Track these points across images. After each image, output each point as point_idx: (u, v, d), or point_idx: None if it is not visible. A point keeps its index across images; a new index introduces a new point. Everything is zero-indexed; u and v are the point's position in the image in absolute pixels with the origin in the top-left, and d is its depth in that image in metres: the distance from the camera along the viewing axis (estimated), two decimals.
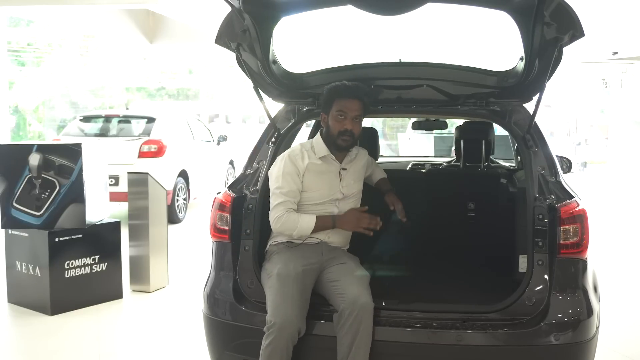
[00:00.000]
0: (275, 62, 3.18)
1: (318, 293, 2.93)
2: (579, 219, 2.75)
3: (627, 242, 8.32)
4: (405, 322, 2.75)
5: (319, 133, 3.17)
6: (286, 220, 2.96)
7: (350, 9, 2.72)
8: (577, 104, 22.07)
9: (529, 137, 3.04)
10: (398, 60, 3.25)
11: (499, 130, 4.10)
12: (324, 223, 3.00)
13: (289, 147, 3.31)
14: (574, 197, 2.86)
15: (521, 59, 2.99)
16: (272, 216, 2.99)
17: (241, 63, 3.02)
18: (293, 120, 3.34)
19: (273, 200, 3.01)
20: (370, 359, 2.69)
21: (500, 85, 3.15)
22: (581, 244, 2.75)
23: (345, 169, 3.14)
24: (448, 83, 3.18)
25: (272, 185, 3.03)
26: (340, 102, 2.99)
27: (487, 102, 3.19)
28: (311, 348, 2.77)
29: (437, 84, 3.16)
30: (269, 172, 3.09)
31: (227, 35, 2.92)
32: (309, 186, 3.05)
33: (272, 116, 3.34)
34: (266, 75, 3.16)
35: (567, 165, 4.93)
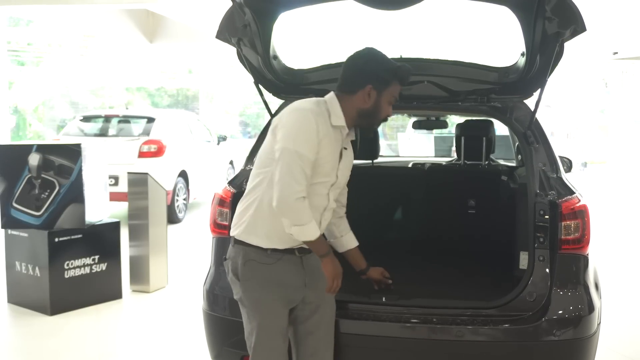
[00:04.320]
0: (275, 57, 3.17)
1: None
2: (580, 214, 2.74)
3: (628, 242, 8.31)
4: (406, 318, 2.74)
5: (334, 96, 2.50)
6: (304, 208, 2.32)
7: (351, 4, 2.72)
8: (577, 104, 22.10)
9: (530, 133, 3.02)
10: (399, 57, 3.24)
11: (499, 130, 4.10)
12: (322, 244, 2.46)
13: None
14: (575, 192, 2.85)
15: (522, 54, 2.99)
16: (291, 189, 2.28)
17: (242, 58, 3.01)
18: None
19: (292, 167, 2.29)
20: (370, 355, 2.67)
21: (501, 81, 3.14)
22: (582, 240, 2.74)
23: (346, 149, 2.57)
24: (449, 79, 3.17)
25: (289, 144, 2.31)
26: (398, 87, 2.51)
27: (488, 98, 3.17)
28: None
29: (438, 80, 3.15)
30: (277, 122, 2.41)
31: (228, 30, 2.91)
32: (323, 157, 2.41)
33: (273, 112, 3.33)
34: (267, 71, 3.15)
35: (568, 165, 4.94)
